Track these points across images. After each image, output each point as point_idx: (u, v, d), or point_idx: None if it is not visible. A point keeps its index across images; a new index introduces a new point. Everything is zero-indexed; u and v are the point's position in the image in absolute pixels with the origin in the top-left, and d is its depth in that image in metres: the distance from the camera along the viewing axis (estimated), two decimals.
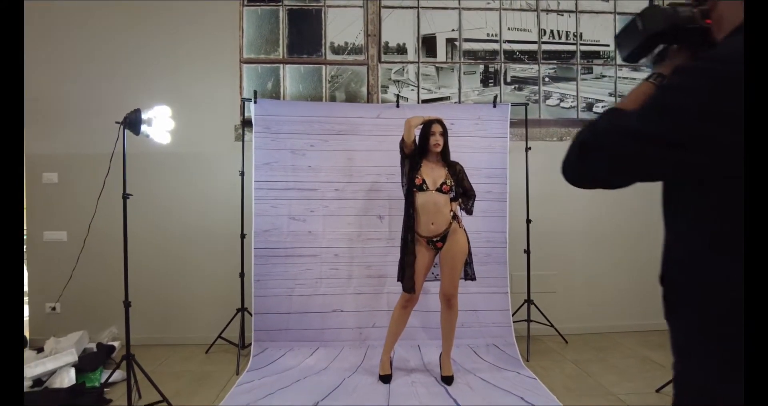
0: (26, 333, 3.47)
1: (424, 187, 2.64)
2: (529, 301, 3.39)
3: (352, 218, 3.23)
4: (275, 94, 3.55)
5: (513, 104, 3.43)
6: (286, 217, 3.22)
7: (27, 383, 2.56)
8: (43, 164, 3.51)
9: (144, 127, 2.15)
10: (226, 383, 2.75)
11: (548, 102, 3.69)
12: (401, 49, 3.60)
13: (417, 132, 2.72)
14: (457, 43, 3.63)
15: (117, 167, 2.36)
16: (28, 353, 2.91)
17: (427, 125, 2.70)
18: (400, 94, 3.55)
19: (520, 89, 3.67)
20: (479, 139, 3.35)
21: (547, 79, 3.69)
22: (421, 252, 2.67)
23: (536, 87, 3.67)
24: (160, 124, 2.21)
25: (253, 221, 3.20)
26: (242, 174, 3.22)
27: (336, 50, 3.58)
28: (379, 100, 3.56)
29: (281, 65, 3.57)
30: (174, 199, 3.50)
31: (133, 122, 2.11)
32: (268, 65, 3.57)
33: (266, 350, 3.08)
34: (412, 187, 2.66)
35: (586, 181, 0.82)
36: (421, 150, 2.72)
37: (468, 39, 3.63)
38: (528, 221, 3.40)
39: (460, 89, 3.62)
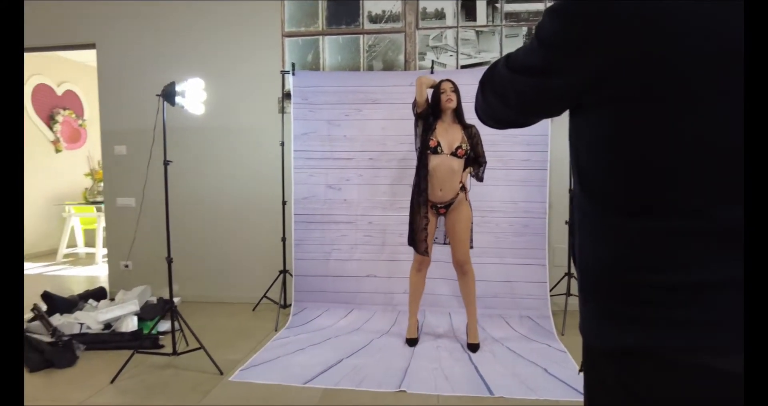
0: (106, 286, 3.95)
1: (439, 150, 2.62)
2: (569, 274, 3.28)
3: (386, 187, 3.28)
4: (315, 66, 3.63)
5: None
6: (323, 185, 3.34)
7: (99, 327, 2.94)
8: (115, 138, 3.89)
9: (178, 99, 2.32)
10: (263, 337, 2.98)
11: None
12: (439, 15, 3.51)
13: (429, 94, 2.70)
14: (498, 5, 3.47)
15: (173, 138, 2.61)
16: (103, 302, 3.33)
17: (437, 85, 2.67)
18: (438, 61, 3.49)
19: None
20: None
21: None
22: (430, 216, 2.68)
23: None
24: (193, 95, 2.37)
25: (293, 189, 3.36)
26: (282, 144, 3.37)
27: (373, 19, 3.57)
28: (417, 67, 3.52)
29: (320, 37, 3.63)
30: (224, 169, 3.75)
31: (169, 94, 2.29)
32: (309, 38, 3.65)
33: (305, 310, 3.28)
34: (425, 149, 2.63)
35: (492, 121, 0.85)
36: (434, 112, 2.69)
37: (510, 0, 3.46)
38: (571, 191, 3.26)
39: (501, 53, 3.48)
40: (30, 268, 5.29)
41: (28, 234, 5.81)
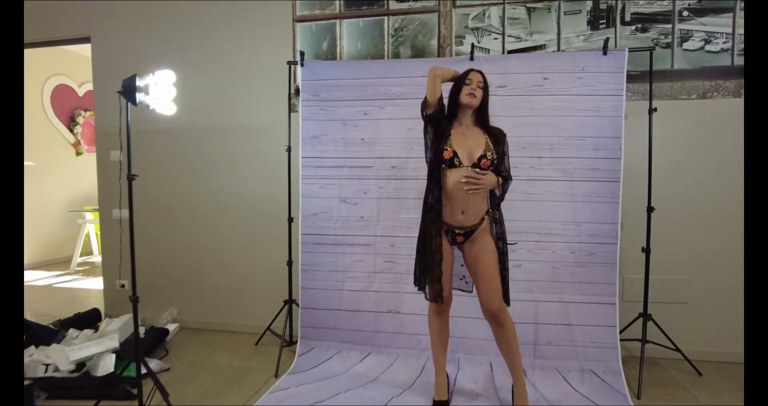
0: (102, 308, 3.54)
1: (456, 162, 1.98)
2: (645, 315, 2.56)
3: (412, 202, 2.66)
4: (331, 56, 3.05)
5: (631, 50, 2.52)
6: (336, 199, 2.76)
7: (69, 367, 2.48)
8: (111, 142, 3.46)
9: (141, 96, 1.79)
10: (261, 385, 2.43)
11: (686, 45, 2.68)
12: None
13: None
14: None
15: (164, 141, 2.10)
16: (85, 333, 2.89)
17: (462, 75, 2.04)
18: (479, 45, 2.83)
19: (644, 30, 2.72)
20: (583, 98, 2.53)
21: (685, 13, 2.67)
22: (445, 248, 2.05)
23: (668, 26, 2.69)
24: (160, 91, 1.84)
25: (300, 203, 2.80)
26: (289, 150, 2.82)
27: None
28: (453, 53, 2.87)
29: (338, 21, 3.05)
30: (224, 178, 3.24)
31: (128, 90, 1.77)
32: (324, 22, 3.07)
33: (313, 349, 2.71)
34: (439, 162, 2.01)
35: None
36: (450, 110, 2.06)
37: None
38: (650, 209, 2.53)
39: (559, 34, 2.78)
40: (41, 278, 5.02)
41: (45, 241, 5.59)
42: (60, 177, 5.81)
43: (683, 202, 2.69)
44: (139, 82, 1.80)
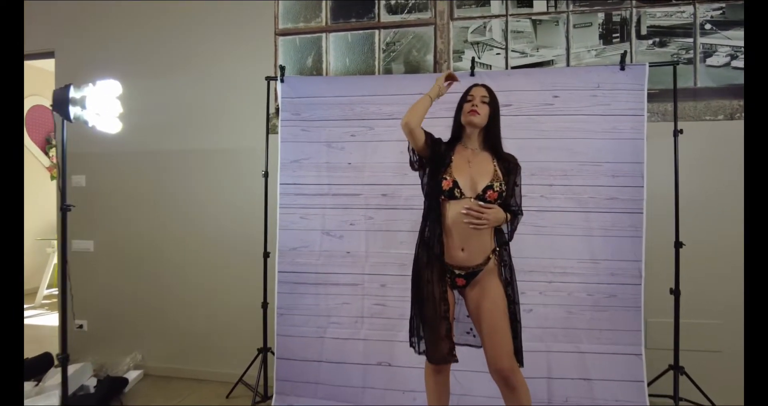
0: (54, 351, 3.13)
1: (457, 193, 1.67)
2: (677, 367, 2.20)
3: (406, 235, 2.31)
4: (316, 72, 2.77)
5: (652, 64, 2.25)
6: (318, 231, 2.42)
7: None
8: (73, 165, 3.11)
9: (76, 111, 1.47)
10: None
11: (710, 61, 2.42)
12: (482, 0, 2.60)
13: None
14: None
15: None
16: (26, 386, 2.48)
17: (465, 93, 1.77)
18: (480, 60, 2.55)
19: (662, 44, 2.45)
20: (599, 118, 2.23)
21: (708, 26, 2.42)
22: (449, 295, 1.72)
23: (689, 40, 2.43)
24: (101, 106, 1.52)
25: (277, 236, 2.45)
26: (266, 175, 2.50)
27: (393, 9, 2.69)
28: (451, 70, 2.59)
29: (324, 34, 2.78)
30: (194, 207, 2.90)
31: (60, 103, 1.45)
32: (309, 36, 2.80)
33: None
34: (437, 193, 1.70)
35: None
36: (454, 131, 1.78)
37: None
38: (678, 245, 2.21)
39: (568, 49, 2.52)
40: None
41: None
42: (32, 202, 5.43)
43: (714, 236, 2.37)
44: (73, 94, 1.48)
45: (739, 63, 2.39)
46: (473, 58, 2.41)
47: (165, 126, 2.93)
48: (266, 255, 2.49)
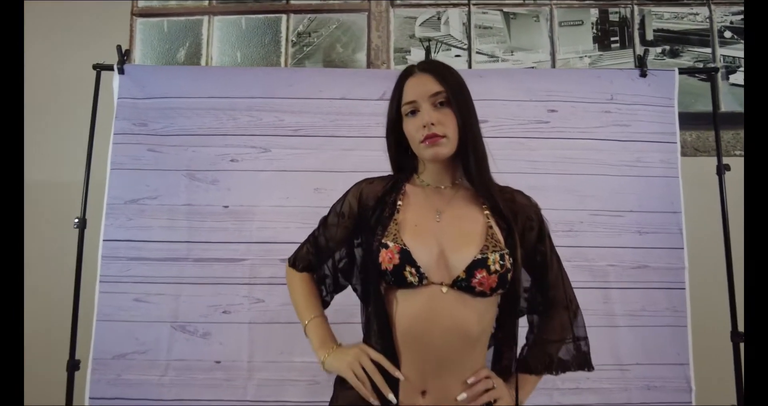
0: None
1: (410, 277, 0.79)
2: None
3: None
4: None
5: (683, 70, 1.58)
6: (166, 324, 1.38)
7: None
8: None
9: None
10: None
11: (733, 79, 1.82)
12: None
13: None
14: None
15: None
16: None
17: (397, 88, 0.88)
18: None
19: (673, 54, 1.83)
20: (615, 146, 1.49)
21: (727, 33, 1.84)
22: None
23: (707, 50, 1.83)
24: None
25: (93, 333, 1.39)
26: (82, 225, 1.45)
27: None
28: (392, 68, 1.79)
29: (206, 17, 1.89)
30: None
31: None
32: (183, 19, 1.89)
33: None
34: (378, 278, 0.82)
35: None
36: (397, 163, 0.94)
37: None
38: (737, 337, 1.45)
39: (554, 54, 1.82)
40: None
41: None
42: None
43: None
44: None
45: None
46: (427, 47, 1.61)
47: None
48: (73, 367, 1.39)
